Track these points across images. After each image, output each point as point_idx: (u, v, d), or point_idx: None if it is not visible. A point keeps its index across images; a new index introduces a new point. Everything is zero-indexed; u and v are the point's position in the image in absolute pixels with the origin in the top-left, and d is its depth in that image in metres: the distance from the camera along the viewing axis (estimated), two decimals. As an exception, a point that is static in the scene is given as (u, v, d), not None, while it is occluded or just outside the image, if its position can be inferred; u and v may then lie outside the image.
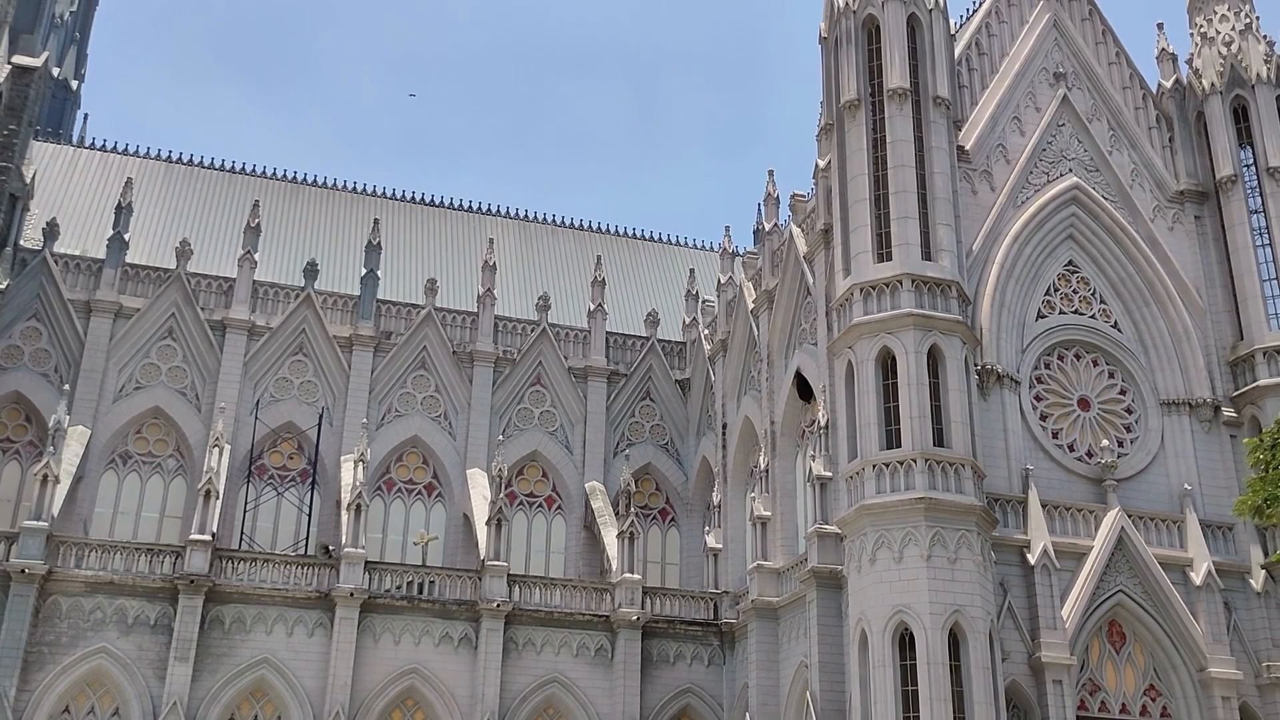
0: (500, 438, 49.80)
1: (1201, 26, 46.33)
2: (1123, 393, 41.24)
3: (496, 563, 43.71)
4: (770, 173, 48.91)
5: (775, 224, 47.97)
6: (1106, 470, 38.76)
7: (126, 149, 59.52)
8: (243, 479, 47.70)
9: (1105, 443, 39.58)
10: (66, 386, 45.22)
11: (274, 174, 61.15)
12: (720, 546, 47.19)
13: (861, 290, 36.81)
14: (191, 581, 40.73)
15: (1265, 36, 45.28)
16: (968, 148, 41.75)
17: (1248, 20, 45.62)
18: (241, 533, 46.57)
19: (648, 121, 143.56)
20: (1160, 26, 47.38)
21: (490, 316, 52.81)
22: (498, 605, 43.01)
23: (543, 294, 54.58)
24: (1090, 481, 38.99)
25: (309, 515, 47.72)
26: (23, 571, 39.41)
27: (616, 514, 48.70)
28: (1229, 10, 45.88)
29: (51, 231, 49.09)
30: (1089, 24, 46.19)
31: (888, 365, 35.87)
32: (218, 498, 42.80)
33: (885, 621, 33.21)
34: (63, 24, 62.40)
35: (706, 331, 53.36)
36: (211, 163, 60.50)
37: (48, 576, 39.95)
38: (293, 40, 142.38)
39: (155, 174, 58.53)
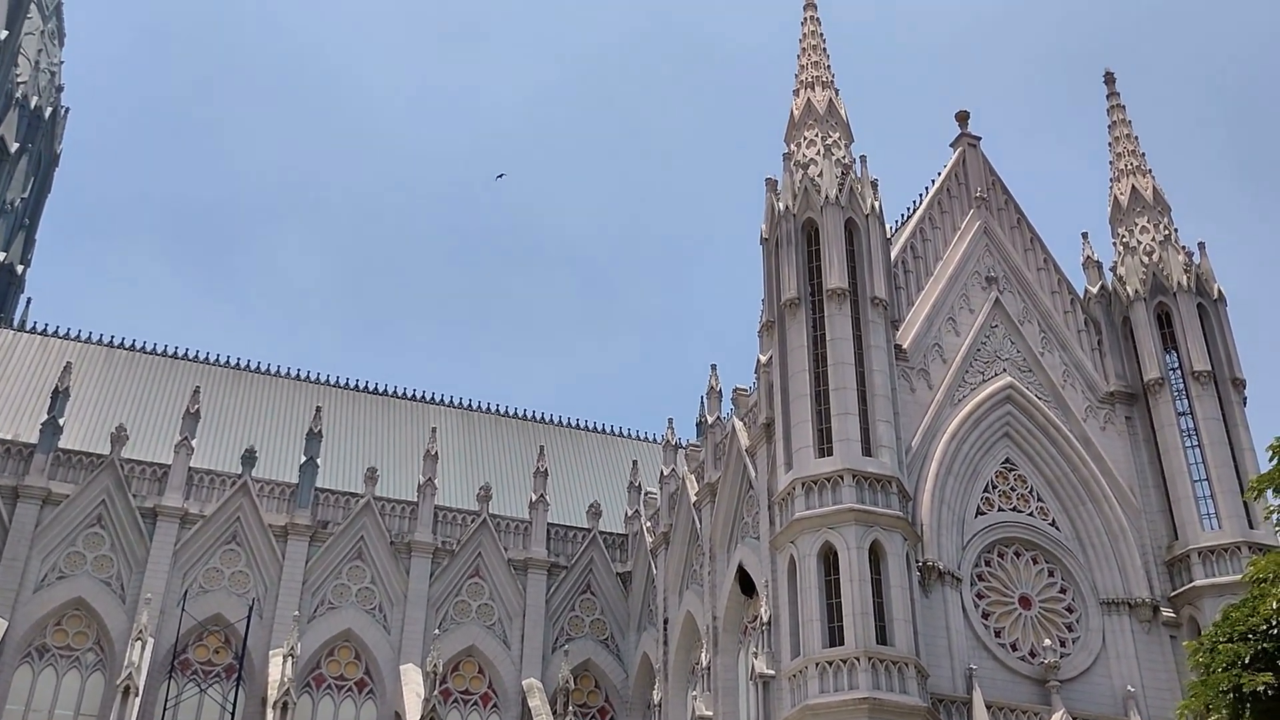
0: (437, 631, 48.47)
1: (1124, 237, 48.63)
2: (1063, 591, 41.33)
3: (428, 765, 41.91)
4: (713, 367, 50.04)
5: (718, 417, 48.44)
6: (1049, 670, 38.44)
7: (67, 333, 59.34)
8: (165, 674, 45.73)
9: (1047, 642, 39.39)
10: (-15, 576, 43.61)
11: (215, 360, 61.06)
12: (661, 748, 45.71)
13: (803, 485, 37.02)
14: (103, 785, 38.55)
15: (1184, 248, 47.58)
16: (905, 346, 42.86)
17: (1166, 232, 47.99)
18: (160, 732, 44.36)
19: (593, 314, 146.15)
20: (1085, 236, 49.73)
21: (430, 506, 52.18)
22: (428, 811, 41.03)
23: (484, 484, 54.17)
24: (1034, 682, 38.59)
25: (232, 714, 45.62)
26: (-79, 774, 37.14)
27: (554, 712, 47.17)
28: (1149, 223, 48.27)
29: (-16, 416, 48.32)
30: (1017, 231, 48.34)
31: (830, 561, 35.77)
32: (137, 694, 41.03)
33: (831, 830, 32.09)
34: (12, 210, 62.91)
35: (649, 524, 53.03)
36: (153, 348, 60.38)
37: (-53, 780, 37.65)
38: (238, 229, 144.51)
39: (95, 359, 58.19)
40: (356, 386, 62.89)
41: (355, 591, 50.08)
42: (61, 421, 49.26)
